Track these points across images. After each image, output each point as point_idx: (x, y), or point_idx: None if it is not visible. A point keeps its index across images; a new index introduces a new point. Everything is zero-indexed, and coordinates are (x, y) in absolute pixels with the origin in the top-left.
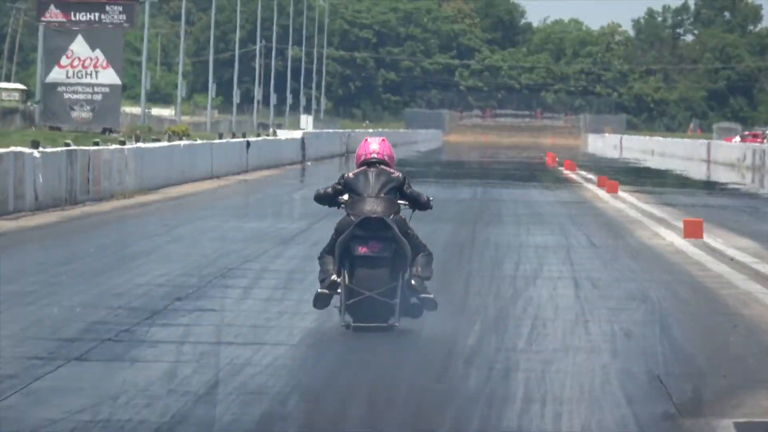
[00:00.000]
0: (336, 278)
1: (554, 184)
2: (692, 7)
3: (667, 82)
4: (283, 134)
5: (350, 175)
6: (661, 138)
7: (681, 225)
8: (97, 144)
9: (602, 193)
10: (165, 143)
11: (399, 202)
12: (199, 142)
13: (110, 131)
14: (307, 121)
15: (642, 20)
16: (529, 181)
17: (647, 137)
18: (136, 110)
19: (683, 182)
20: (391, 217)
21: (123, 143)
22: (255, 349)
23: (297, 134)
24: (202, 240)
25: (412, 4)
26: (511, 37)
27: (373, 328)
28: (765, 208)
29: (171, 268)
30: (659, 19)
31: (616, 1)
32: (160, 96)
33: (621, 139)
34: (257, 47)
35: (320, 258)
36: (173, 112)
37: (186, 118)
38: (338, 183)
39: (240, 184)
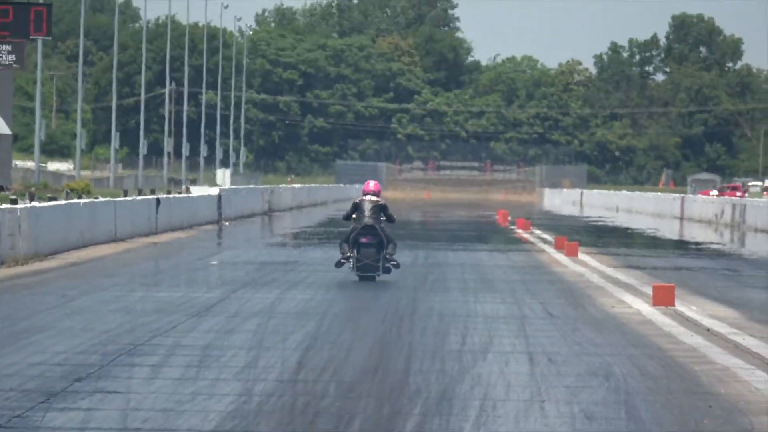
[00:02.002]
0: (350, 254)
1: (506, 246)
2: (662, 41)
3: (634, 127)
4: (197, 191)
5: (357, 200)
6: (627, 192)
7: (650, 291)
8: None
9: (560, 256)
10: (63, 202)
11: (381, 217)
12: (101, 200)
13: (1, 189)
14: (224, 176)
15: (605, 57)
16: (477, 242)
17: (612, 191)
18: (29, 164)
19: (653, 242)
20: (378, 224)
21: (15, 202)
22: None
23: (213, 191)
24: (105, 312)
25: (343, 40)
26: (456, 77)
27: (368, 277)
28: (746, 271)
29: (70, 345)
30: (625, 55)
31: (575, 36)
32: (56, 148)
33: (582, 193)
34: (166, 91)
35: (340, 243)
36: (72, 167)
37: (86, 173)
38: (352, 206)
39: (148, 247)
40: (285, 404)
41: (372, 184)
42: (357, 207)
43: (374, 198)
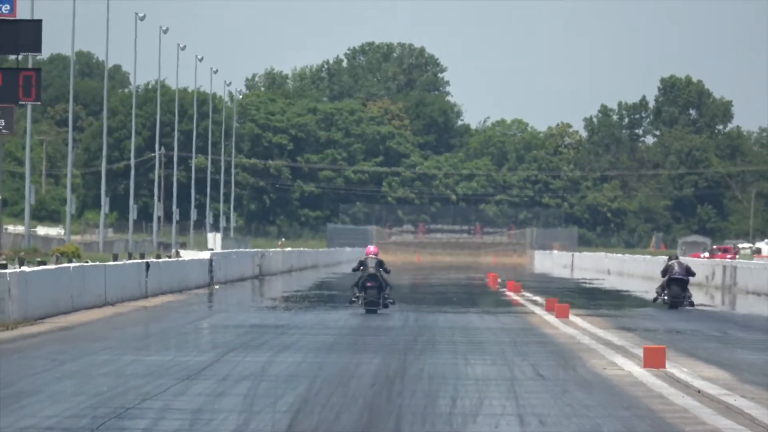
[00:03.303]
0: (359, 294)
1: (496, 309)
2: (652, 104)
3: (625, 190)
4: (187, 255)
5: (363, 258)
6: (618, 255)
7: (641, 353)
8: None
9: (551, 318)
10: (52, 266)
11: (380, 269)
12: (91, 264)
13: None
14: (215, 240)
15: (595, 119)
16: (467, 305)
17: (602, 254)
18: (19, 229)
19: (643, 304)
20: (378, 273)
21: (4, 267)
22: None
23: (204, 255)
24: (95, 376)
25: (333, 104)
26: (446, 140)
27: (372, 310)
28: (736, 333)
29: (60, 409)
30: (615, 117)
31: (565, 99)
32: (46, 213)
33: (572, 256)
34: (156, 155)
35: (352, 287)
36: (62, 231)
37: (76, 238)
38: (359, 262)
39: (139, 311)
40: None
41: (372, 248)
42: (362, 263)
43: (374, 256)
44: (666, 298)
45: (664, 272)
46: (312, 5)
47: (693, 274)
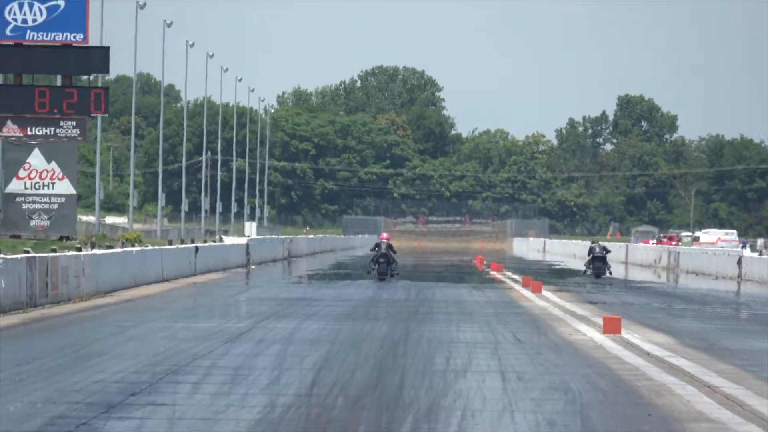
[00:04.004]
0: (374, 267)
1: (482, 285)
2: (611, 117)
3: (588, 188)
4: (229, 240)
5: (378, 242)
6: (582, 241)
7: (600, 321)
8: (54, 251)
9: (527, 293)
10: (118, 249)
11: (389, 250)
12: (150, 248)
13: (67, 239)
14: (251, 228)
15: (564, 130)
16: (459, 282)
17: (569, 241)
18: (91, 219)
19: (602, 282)
20: (388, 252)
21: (79, 250)
22: None
23: (242, 240)
24: (154, 339)
25: (348, 117)
26: (442, 147)
27: (382, 278)
28: (678, 305)
29: (126, 366)
30: (580, 128)
31: (539, 112)
32: (113, 205)
33: (544, 242)
34: (203, 159)
35: (369, 263)
36: (126, 221)
37: (138, 226)
38: (375, 244)
39: (189, 286)
40: (301, 415)
41: (385, 235)
42: (378, 245)
43: (386, 241)
44: (591, 270)
45: (589, 252)
46: (332, 35)
47: (609, 251)
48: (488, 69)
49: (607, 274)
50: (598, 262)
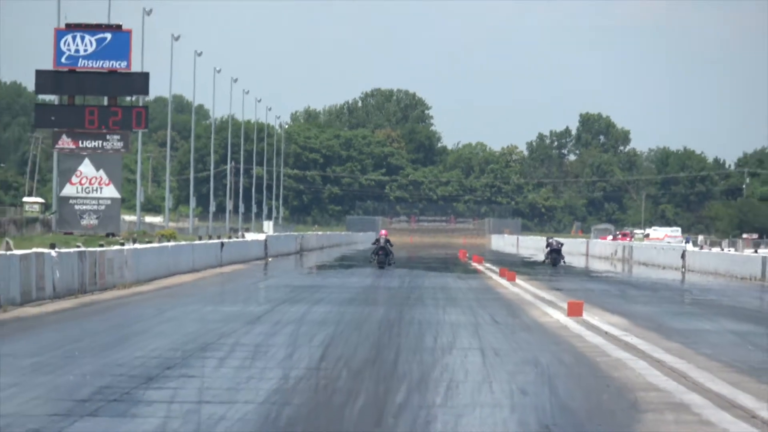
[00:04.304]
0: (374, 257)
1: (465, 274)
2: (573, 132)
3: (554, 192)
4: (249, 236)
5: (378, 237)
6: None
7: (565, 306)
8: (102, 246)
9: (503, 281)
10: (156, 244)
11: (387, 244)
12: (183, 243)
13: (112, 235)
14: (268, 226)
15: (534, 142)
16: (445, 272)
17: (539, 237)
18: (132, 218)
19: (567, 272)
20: (386, 246)
21: (122, 245)
22: (228, 406)
23: (261, 236)
24: (186, 321)
25: (351, 132)
26: (430, 157)
27: (381, 267)
28: (631, 292)
29: (162, 344)
30: (547, 141)
31: (513, 127)
32: (151, 207)
33: (517, 238)
34: (228, 167)
35: (371, 254)
36: (162, 220)
37: (172, 224)
38: (375, 240)
39: (216, 276)
40: (311, 384)
41: (384, 232)
42: (377, 240)
43: (384, 237)
44: (549, 260)
45: (547, 246)
46: (337, 62)
47: (563, 245)
48: (470, 91)
49: (562, 263)
50: (554, 253)
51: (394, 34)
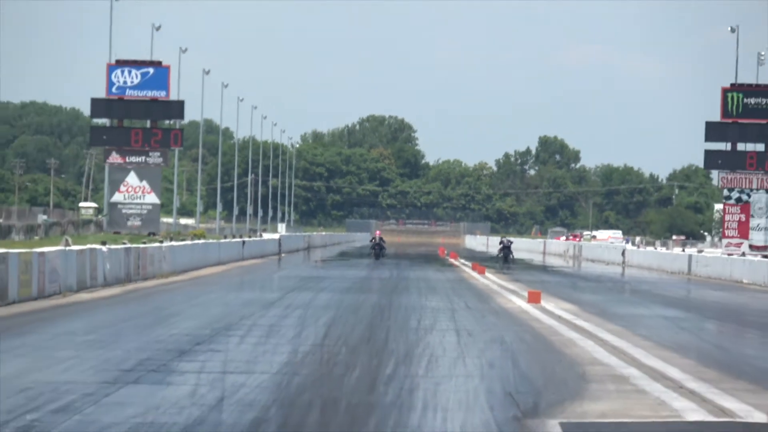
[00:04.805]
0: (372, 251)
1: (443, 268)
2: (533, 151)
3: (517, 201)
4: (266, 236)
5: (374, 236)
6: (513, 238)
7: (526, 294)
8: (144, 243)
9: (475, 274)
10: (189, 242)
11: (381, 241)
12: (211, 241)
13: (153, 234)
14: (281, 227)
15: (501, 160)
16: (427, 266)
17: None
18: (169, 220)
19: (527, 266)
20: (381, 243)
21: (161, 242)
22: (247, 376)
23: (275, 236)
24: (213, 305)
25: (350, 150)
26: (415, 171)
27: (377, 259)
28: (580, 283)
29: (193, 324)
30: (512, 159)
31: (483, 146)
32: (185, 211)
33: (487, 239)
34: (249, 179)
35: (369, 249)
36: (194, 221)
37: (202, 225)
38: (372, 238)
39: (238, 268)
40: (316, 358)
41: (378, 232)
42: (374, 238)
43: (379, 236)
44: (501, 255)
45: (500, 243)
46: (339, 92)
47: (512, 242)
48: (449, 117)
49: (511, 257)
50: (506, 249)
51: (386, 71)
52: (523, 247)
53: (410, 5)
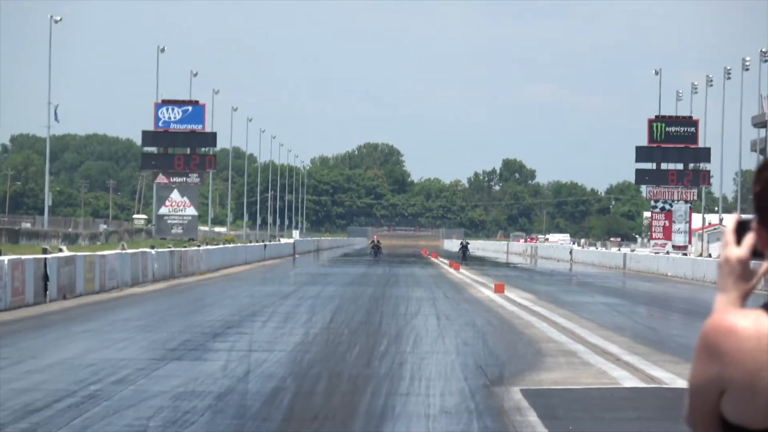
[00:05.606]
0: (371, 251)
1: (426, 266)
2: (498, 170)
3: (485, 211)
4: (283, 241)
5: (373, 240)
6: (482, 241)
7: (493, 286)
8: (185, 247)
9: (452, 270)
10: (221, 246)
11: (378, 243)
12: (239, 245)
13: (192, 240)
14: (296, 234)
15: (471, 178)
16: (413, 264)
17: (477, 241)
18: (205, 228)
19: (494, 263)
20: (378, 245)
21: (199, 246)
22: (268, 353)
23: (291, 241)
24: (241, 297)
25: (351, 171)
26: (403, 188)
27: (376, 257)
28: (537, 277)
29: (225, 312)
30: (480, 177)
31: (457, 167)
32: (218, 221)
33: (461, 242)
34: (269, 195)
35: (370, 250)
36: (225, 229)
37: (232, 233)
38: (371, 241)
39: (261, 267)
40: (323, 339)
41: (376, 237)
42: (373, 241)
43: (376, 239)
44: (461, 253)
45: (460, 245)
46: (342, 124)
47: (469, 243)
48: (429, 143)
49: (468, 254)
50: (464, 249)
51: (379, 106)
52: (491, 248)
53: (399, 54)
